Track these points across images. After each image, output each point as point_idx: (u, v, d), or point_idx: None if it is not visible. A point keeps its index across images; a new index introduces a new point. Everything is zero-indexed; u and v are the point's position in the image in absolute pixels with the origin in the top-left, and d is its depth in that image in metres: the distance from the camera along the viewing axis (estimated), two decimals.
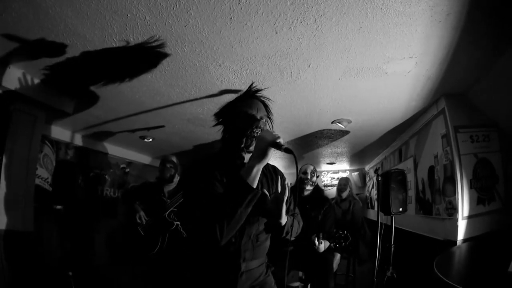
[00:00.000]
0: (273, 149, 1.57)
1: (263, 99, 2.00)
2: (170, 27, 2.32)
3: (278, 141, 1.56)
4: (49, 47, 2.61)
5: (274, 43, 2.54)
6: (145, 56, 2.75)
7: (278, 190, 1.90)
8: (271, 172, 2.07)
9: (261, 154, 1.58)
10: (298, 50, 2.65)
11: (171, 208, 3.90)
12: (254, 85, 2.01)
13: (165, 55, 2.74)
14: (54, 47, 2.60)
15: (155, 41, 2.51)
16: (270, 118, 2.01)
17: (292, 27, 2.34)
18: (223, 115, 1.98)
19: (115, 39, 2.47)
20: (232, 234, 1.60)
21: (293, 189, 3.79)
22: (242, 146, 1.81)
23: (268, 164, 2.04)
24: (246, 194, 1.55)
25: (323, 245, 3.30)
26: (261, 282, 1.91)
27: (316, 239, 3.25)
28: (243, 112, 1.85)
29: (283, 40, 2.49)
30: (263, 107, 1.94)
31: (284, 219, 1.78)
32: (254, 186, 1.58)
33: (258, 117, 1.83)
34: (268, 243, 2.00)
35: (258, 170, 1.59)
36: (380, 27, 2.36)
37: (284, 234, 1.87)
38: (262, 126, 1.81)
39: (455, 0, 2.10)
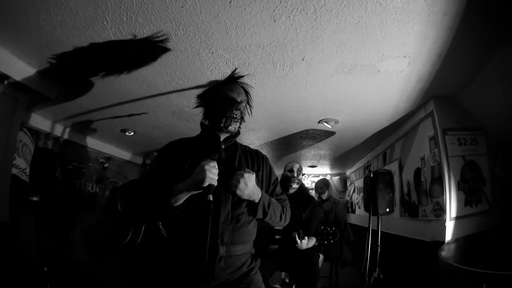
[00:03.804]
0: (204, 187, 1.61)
1: (244, 85, 2.08)
2: (166, 7, 2.21)
3: (209, 185, 1.59)
4: (36, 25, 2.47)
5: (270, 32, 2.47)
6: (137, 40, 2.63)
7: (264, 170, 2.05)
8: (253, 155, 2.08)
9: (194, 186, 1.62)
10: (294, 41, 2.59)
11: None
12: (237, 72, 2.08)
13: (158, 41, 2.64)
14: (42, 24, 2.46)
15: (148, 24, 2.42)
16: (249, 104, 2.11)
17: (291, 16, 2.28)
18: (205, 98, 2.06)
19: (107, 18, 2.35)
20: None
21: (281, 183, 3.75)
22: (222, 125, 1.87)
23: (251, 148, 2.15)
24: (163, 210, 1.64)
25: (305, 242, 3.24)
26: (247, 278, 1.83)
27: (297, 236, 3.19)
28: (224, 95, 1.94)
29: (281, 29, 2.43)
30: (244, 92, 2.03)
31: (247, 195, 1.72)
32: (177, 205, 1.64)
33: (238, 100, 1.93)
34: (251, 227, 1.93)
35: (184, 196, 1.65)
36: (377, 23, 2.34)
37: (261, 214, 1.82)
38: (241, 109, 1.94)
39: (452, 1, 2.10)
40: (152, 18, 2.35)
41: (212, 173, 1.59)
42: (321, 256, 4.11)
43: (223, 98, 1.92)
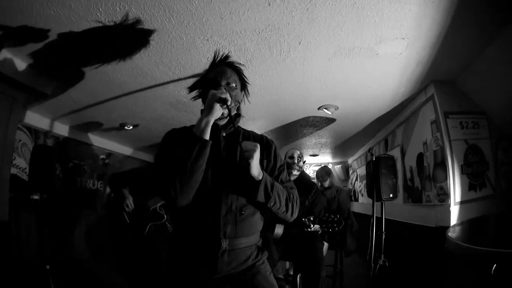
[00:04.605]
0: (219, 104, 1.63)
1: (236, 65, 1.99)
2: None
3: (223, 97, 1.62)
4: (29, 20, 2.44)
5: (265, 16, 2.42)
6: (131, 30, 2.58)
7: (269, 157, 1.95)
8: (257, 140, 1.98)
9: (208, 108, 1.62)
10: (290, 25, 2.54)
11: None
12: (219, 53, 2.00)
13: (152, 30, 2.60)
14: (36, 19, 2.43)
15: (141, 13, 2.38)
16: (243, 81, 2.03)
17: None
18: (198, 87, 2.05)
19: (100, 9, 2.31)
20: (189, 190, 1.57)
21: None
22: None
23: (255, 133, 2.06)
24: (193, 144, 1.56)
25: (317, 227, 3.22)
26: (252, 269, 1.76)
27: (307, 220, 3.17)
28: (208, 80, 1.89)
29: (276, 13, 2.38)
30: (233, 73, 1.94)
31: (256, 169, 1.63)
32: (205, 138, 1.60)
33: (222, 83, 1.83)
34: (257, 219, 1.85)
35: (206, 122, 1.61)
36: (374, 4, 2.29)
37: (262, 197, 1.67)
38: (227, 91, 1.78)
39: None
40: (145, 7, 2.31)
41: (218, 92, 1.64)
42: (326, 245, 4.07)
43: (208, 83, 1.87)
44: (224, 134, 1.86)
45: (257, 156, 1.60)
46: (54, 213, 4.74)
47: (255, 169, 1.62)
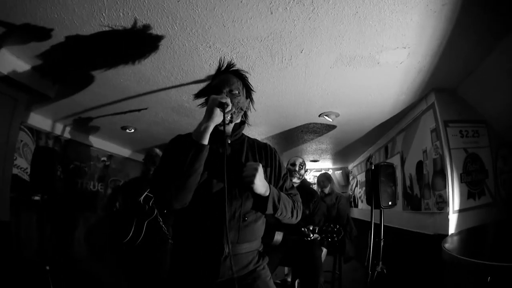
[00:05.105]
0: (219, 109, 1.63)
1: (241, 73, 1.98)
2: (162, 1, 2.19)
3: (223, 101, 1.63)
4: (34, 23, 2.45)
5: (268, 24, 2.44)
6: (134, 35, 2.60)
7: (273, 165, 1.95)
8: (261, 149, 2.00)
9: (208, 113, 1.63)
10: (292, 33, 2.56)
11: (146, 193, 3.74)
12: (224, 61, 1.99)
13: (155, 36, 2.61)
14: (40, 23, 2.45)
15: (144, 19, 2.39)
16: (248, 89, 2.02)
17: (288, 8, 2.25)
18: (203, 95, 2.03)
19: (104, 14, 2.33)
20: (184, 194, 1.58)
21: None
22: None
23: (259, 141, 2.06)
24: (189, 148, 1.57)
25: (317, 236, 3.23)
26: (253, 274, 1.77)
27: (307, 230, 3.18)
28: (211, 88, 1.89)
29: (278, 21, 2.40)
30: (237, 80, 1.92)
31: (261, 188, 1.65)
32: (202, 142, 1.60)
33: (224, 90, 1.82)
34: (259, 225, 1.85)
35: (206, 127, 1.61)
36: (376, 13, 2.30)
37: (271, 209, 1.74)
38: (228, 98, 1.74)
39: None
40: (149, 13, 2.33)
41: (218, 97, 1.65)
42: (324, 250, 4.07)
43: (211, 90, 1.87)
44: (229, 141, 1.86)
45: (259, 177, 1.61)
46: (54, 214, 4.76)
47: (260, 188, 1.65)
